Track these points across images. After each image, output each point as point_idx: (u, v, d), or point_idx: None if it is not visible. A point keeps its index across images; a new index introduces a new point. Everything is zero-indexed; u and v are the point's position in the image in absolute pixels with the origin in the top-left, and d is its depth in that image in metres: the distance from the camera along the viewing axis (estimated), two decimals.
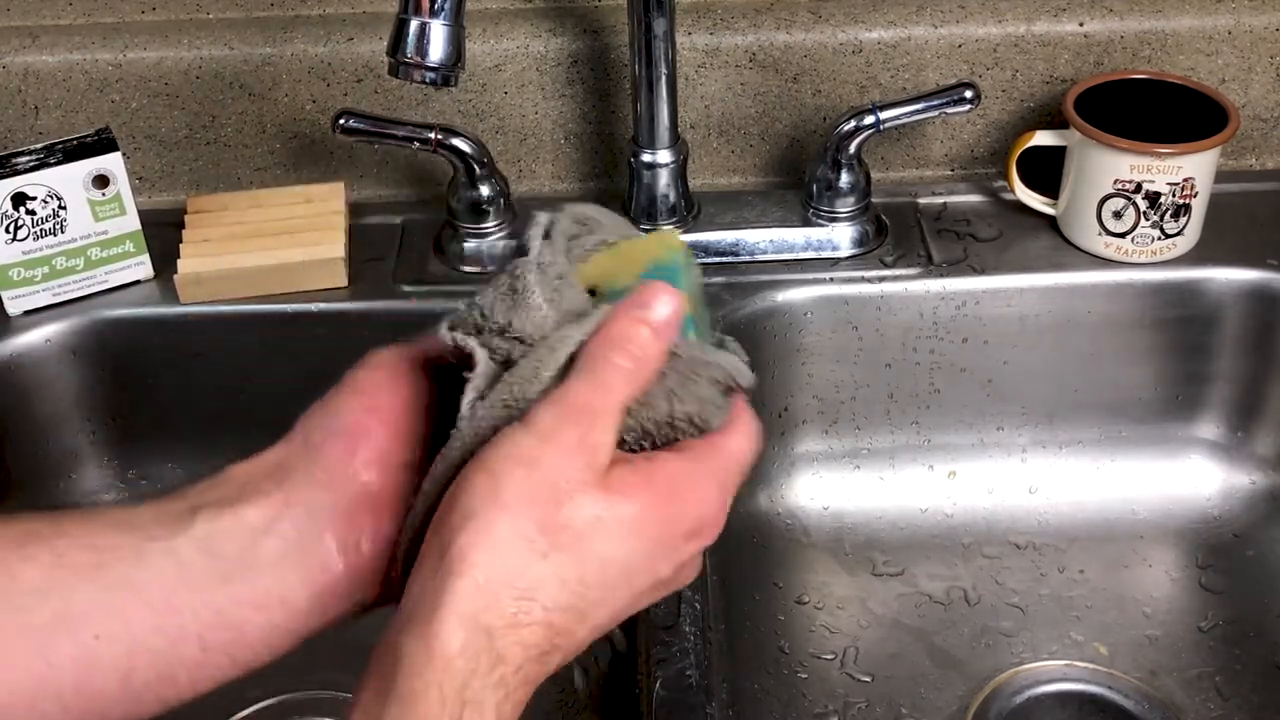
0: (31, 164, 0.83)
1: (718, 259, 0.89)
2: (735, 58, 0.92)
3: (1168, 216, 0.85)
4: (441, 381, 0.51)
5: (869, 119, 0.85)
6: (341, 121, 0.86)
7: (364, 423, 0.50)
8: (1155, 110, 0.87)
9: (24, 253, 0.85)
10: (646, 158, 0.87)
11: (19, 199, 0.83)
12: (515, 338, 0.48)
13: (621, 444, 0.48)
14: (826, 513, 0.91)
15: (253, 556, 0.47)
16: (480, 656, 0.41)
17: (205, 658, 0.47)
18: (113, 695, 0.46)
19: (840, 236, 0.89)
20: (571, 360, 0.47)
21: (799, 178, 0.95)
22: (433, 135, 0.86)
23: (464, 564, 0.42)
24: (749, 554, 0.88)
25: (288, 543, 0.48)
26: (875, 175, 0.92)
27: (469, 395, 0.47)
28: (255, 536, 0.47)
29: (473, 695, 0.41)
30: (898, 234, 0.91)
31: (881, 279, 0.88)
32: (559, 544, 0.43)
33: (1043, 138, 0.88)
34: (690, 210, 0.90)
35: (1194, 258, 0.88)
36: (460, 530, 0.43)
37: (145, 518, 0.48)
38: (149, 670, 0.46)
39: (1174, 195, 0.84)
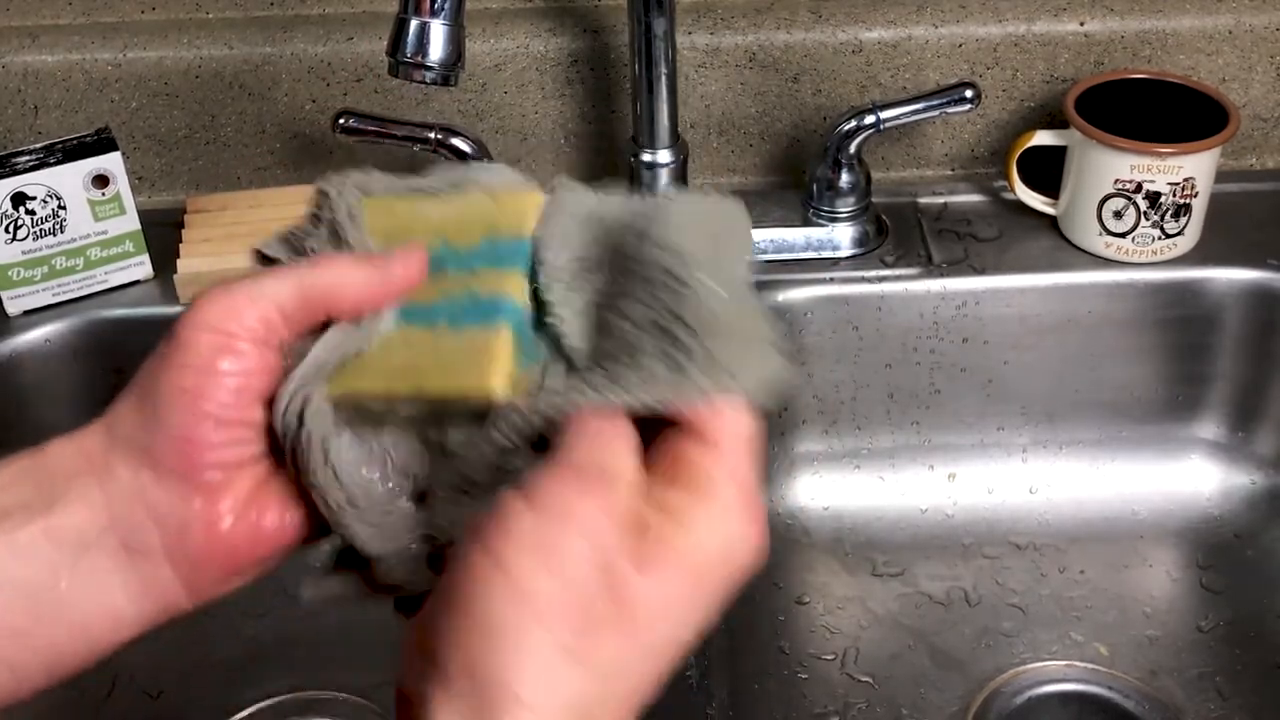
0: (31, 164, 0.83)
1: None
2: (735, 57, 0.92)
3: (1168, 216, 0.85)
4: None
5: (869, 119, 0.85)
6: (341, 121, 0.85)
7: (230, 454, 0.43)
8: (1156, 110, 0.87)
9: (23, 252, 0.85)
10: (646, 157, 0.87)
11: (18, 199, 0.83)
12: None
13: None
14: (827, 513, 0.91)
15: (70, 578, 0.42)
16: None
17: (15, 681, 0.42)
18: None
19: (840, 236, 0.89)
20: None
21: (799, 178, 0.95)
22: (432, 135, 0.85)
23: (509, 696, 0.35)
24: None
25: (114, 560, 0.43)
26: (875, 175, 0.91)
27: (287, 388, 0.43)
28: (74, 553, 0.42)
29: None
30: (898, 234, 0.91)
31: (882, 279, 0.88)
32: (601, 647, 0.37)
33: (1043, 137, 0.88)
34: None
35: (1194, 258, 0.88)
36: (489, 651, 0.36)
37: None
38: None
39: (1174, 195, 0.84)
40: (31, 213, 0.84)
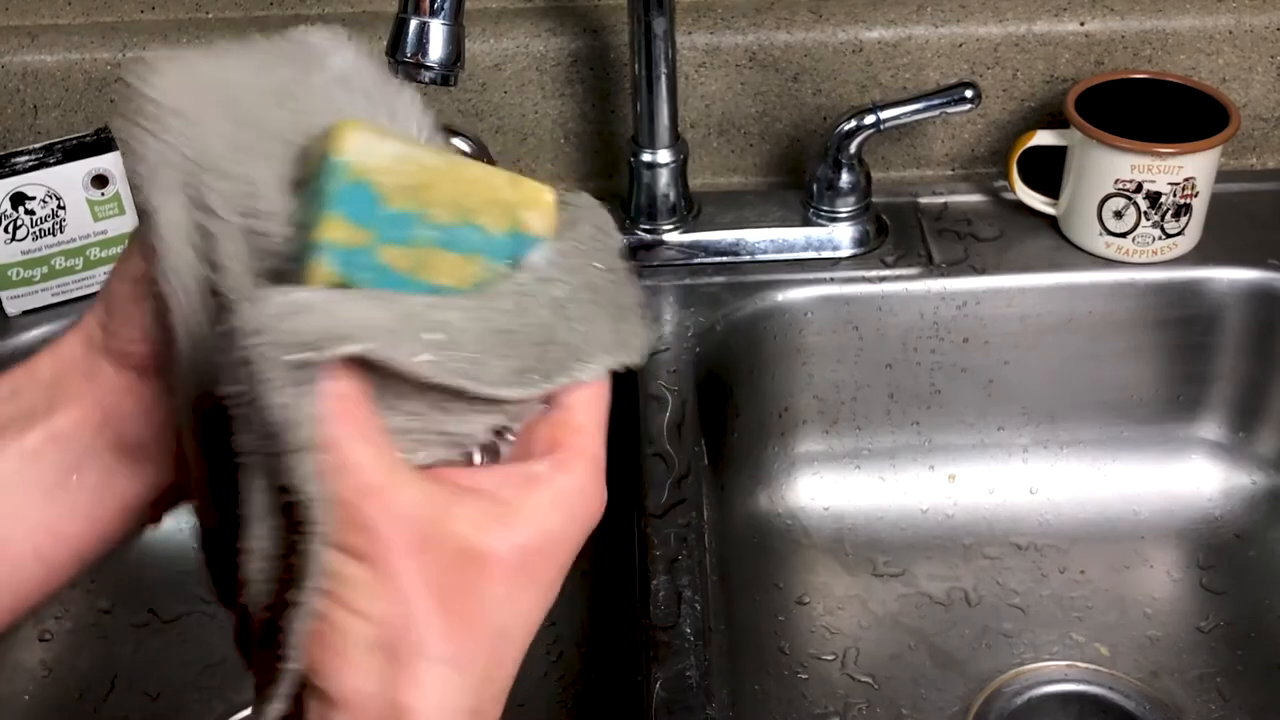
0: (30, 163, 0.83)
1: (718, 259, 0.89)
2: (735, 57, 0.92)
3: (1168, 216, 0.85)
4: None
5: (869, 118, 0.85)
6: None
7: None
8: (1156, 110, 0.87)
9: (23, 252, 0.85)
10: (646, 157, 0.87)
11: (18, 199, 0.83)
12: None
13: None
14: (827, 513, 0.91)
15: (80, 475, 0.45)
16: None
17: (47, 572, 0.46)
18: None
19: (841, 236, 0.89)
20: None
21: (799, 177, 0.95)
22: None
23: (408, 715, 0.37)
24: (749, 554, 0.87)
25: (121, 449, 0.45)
26: (876, 175, 0.91)
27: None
28: (77, 452, 0.45)
29: None
30: (898, 234, 0.91)
31: (882, 279, 0.88)
32: (464, 633, 0.37)
33: (1044, 137, 0.88)
34: (690, 210, 0.90)
35: (1195, 258, 0.88)
36: (377, 680, 0.37)
37: None
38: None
39: (1175, 195, 0.84)
40: (31, 213, 0.84)
